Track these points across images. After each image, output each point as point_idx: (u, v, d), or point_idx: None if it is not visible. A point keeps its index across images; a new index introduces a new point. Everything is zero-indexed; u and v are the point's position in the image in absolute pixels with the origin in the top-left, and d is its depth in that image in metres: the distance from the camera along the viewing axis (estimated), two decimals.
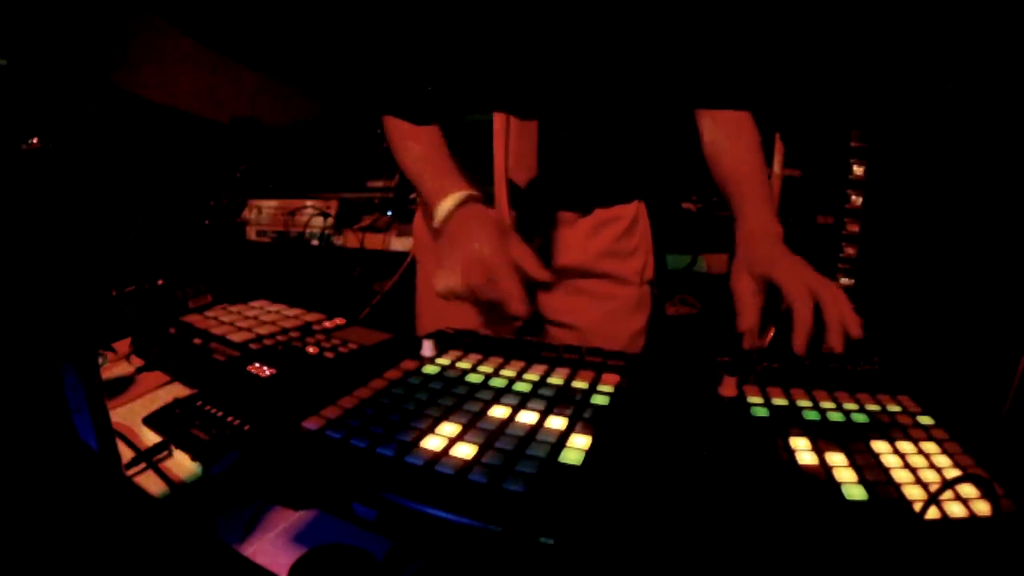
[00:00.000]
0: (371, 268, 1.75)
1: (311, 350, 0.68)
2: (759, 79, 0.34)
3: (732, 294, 0.68)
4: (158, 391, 0.72)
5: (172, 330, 0.76)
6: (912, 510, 0.37)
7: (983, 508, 0.37)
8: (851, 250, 1.23)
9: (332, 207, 1.86)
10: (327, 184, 2.03)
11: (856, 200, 1.22)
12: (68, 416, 0.40)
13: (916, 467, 0.42)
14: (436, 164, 0.80)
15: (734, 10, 0.29)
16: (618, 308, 0.93)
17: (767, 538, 0.35)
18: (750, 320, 0.62)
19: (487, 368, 0.59)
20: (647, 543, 0.35)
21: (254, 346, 0.69)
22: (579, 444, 0.45)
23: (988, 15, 0.27)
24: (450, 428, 0.47)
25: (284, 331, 0.75)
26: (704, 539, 0.35)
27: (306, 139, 2.11)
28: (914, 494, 0.39)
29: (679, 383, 0.56)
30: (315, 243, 1.83)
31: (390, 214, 1.83)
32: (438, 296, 0.67)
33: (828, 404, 0.52)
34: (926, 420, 0.49)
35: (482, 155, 0.83)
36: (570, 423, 0.48)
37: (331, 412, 0.49)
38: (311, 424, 0.47)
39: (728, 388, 0.54)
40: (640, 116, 0.89)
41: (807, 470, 0.42)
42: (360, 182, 2.04)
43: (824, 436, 0.46)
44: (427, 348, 0.63)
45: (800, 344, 0.60)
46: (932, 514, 0.37)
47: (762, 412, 0.50)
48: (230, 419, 0.56)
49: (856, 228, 1.22)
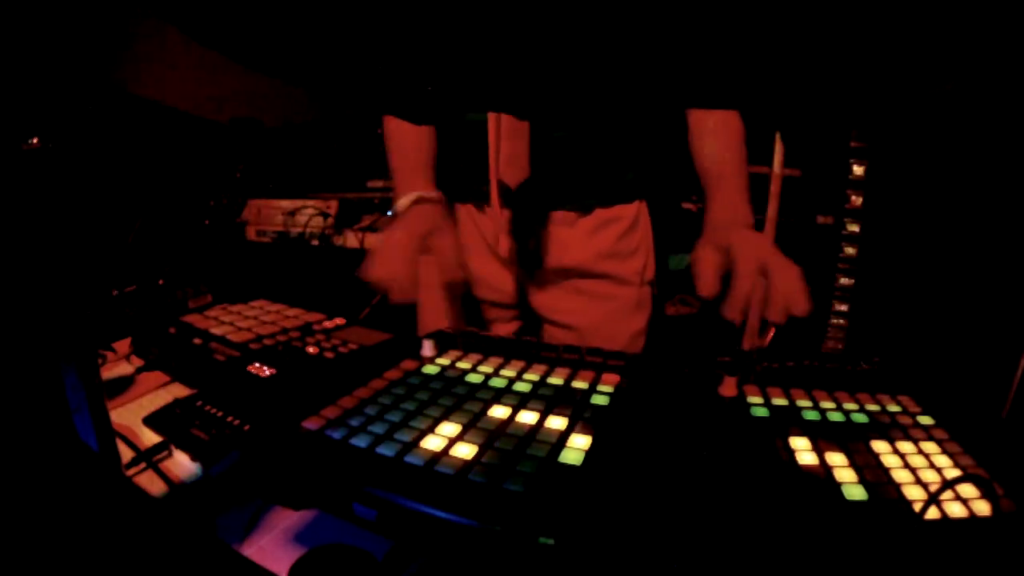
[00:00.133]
0: None
1: (311, 350, 0.68)
2: (756, 79, 0.34)
3: (692, 266, 0.66)
4: (158, 391, 0.72)
5: (172, 330, 0.76)
6: (912, 510, 0.37)
7: (983, 508, 0.37)
8: (851, 250, 1.23)
9: (332, 207, 1.86)
10: (327, 184, 2.03)
11: (856, 200, 1.22)
12: (68, 416, 0.40)
13: (916, 467, 0.42)
14: (411, 163, 0.84)
15: (732, 10, 0.29)
16: (618, 308, 0.93)
17: (767, 538, 0.35)
18: (707, 284, 0.60)
19: (487, 368, 0.59)
20: (647, 543, 0.35)
21: (254, 346, 0.69)
22: (579, 444, 0.45)
23: (988, 15, 0.27)
24: (450, 428, 0.47)
25: (284, 331, 0.75)
26: (704, 539, 0.35)
27: (306, 139, 2.11)
28: (914, 494, 0.39)
29: (679, 383, 0.56)
30: (315, 243, 1.83)
31: (390, 214, 1.83)
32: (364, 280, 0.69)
33: (828, 404, 0.52)
34: (926, 420, 0.49)
35: (479, 155, 0.83)
36: (570, 423, 0.48)
37: (331, 412, 0.49)
38: (311, 424, 0.47)
39: (728, 388, 0.54)
40: (636, 116, 0.89)
41: (807, 470, 0.42)
42: (360, 182, 2.04)
43: (824, 436, 0.46)
44: (427, 348, 0.63)
45: (732, 311, 0.58)
46: (932, 514, 0.37)
47: (762, 412, 0.50)
48: (230, 419, 0.56)
49: (856, 228, 1.23)
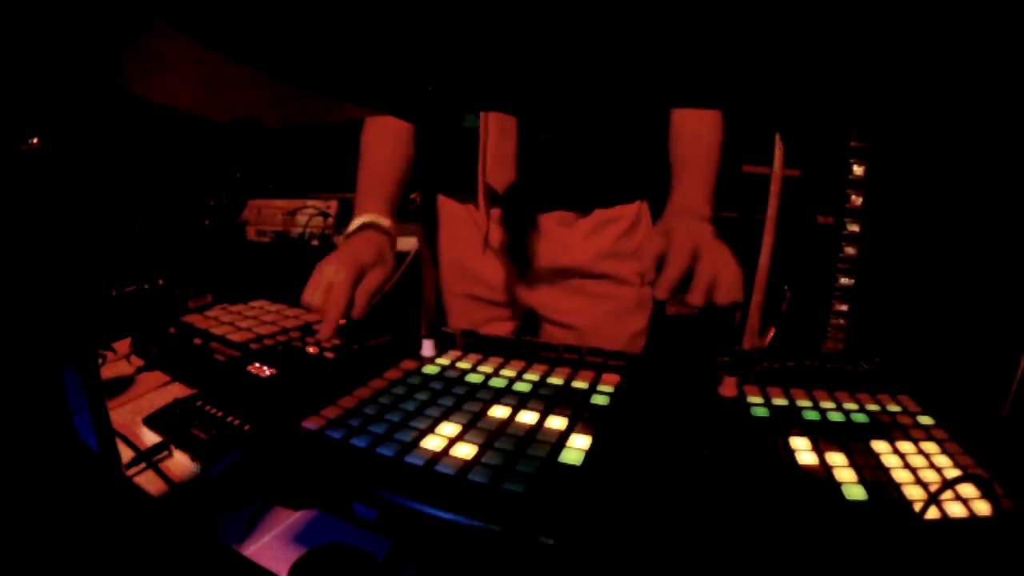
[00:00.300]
0: None
1: (311, 350, 0.68)
2: (753, 79, 0.34)
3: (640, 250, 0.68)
4: (158, 391, 0.72)
5: (172, 330, 0.76)
6: (912, 510, 0.37)
7: (983, 508, 0.37)
8: (851, 250, 1.23)
9: (332, 207, 1.86)
10: (327, 184, 2.03)
11: (856, 200, 1.22)
12: (68, 416, 0.40)
13: (916, 467, 0.42)
14: (376, 183, 0.87)
15: (731, 10, 0.29)
16: (618, 309, 0.93)
17: (767, 538, 0.35)
18: (644, 264, 0.64)
19: (487, 368, 0.59)
20: (647, 543, 0.35)
21: (254, 346, 0.69)
22: (579, 444, 0.45)
23: (988, 15, 0.27)
24: (450, 428, 0.47)
25: (284, 331, 0.75)
26: (704, 539, 0.35)
27: (306, 139, 2.11)
28: (914, 494, 0.39)
29: (679, 383, 0.56)
30: (315, 243, 1.83)
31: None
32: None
33: (828, 404, 0.52)
34: (926, 420, 0.49)
35: (473, 156, 0.83)
36: (570, 423, 0.48)
37: (331, 412, 0.49)
38: (311, 424, 0.47)
39: (728, 388, 0.54)
40: (631, 116, 0.89)
41: (807, 470, 0.42)
42: None
43: (824, 436, 0.46)
44: (427, 348, 0.63)
45: (660, 291, 0.61)
46: (932, 514, 0.37)
47: (762, 412, 0.50)
48: (230, 419, 0.56)
49: (856, 228, 1.22)
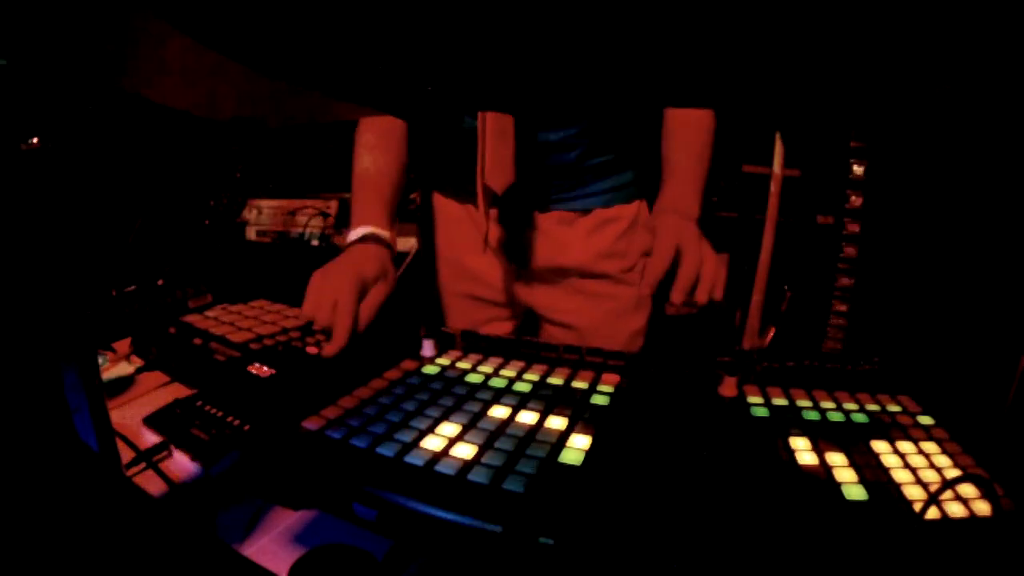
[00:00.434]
0: None
1: (311, 350, 0.68)
2: (752, 79, 0.34)
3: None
4: (158, 391, 0.72)
5: (172, 330, 0.76)
6: (912, 510, 0.37)
7: (983, 508, 0.37)
8: (851, 250, 1.23)
9: (332, 207, 1.86)
10: (327, 184, 2.03)
11: (856, 200, 1.22)
12: (68, 416, 0.40)
13: (916, 467, 0.42)
14: (373, 192, 0.85)
15: (731, 9, 0.29)
16: (617, 308, 0.93)
17: (767, 538, 0.35)
18: (629, 261, 0.67)
19: (487, 368, 0.59)
20: (647, 543, 0.35)
21: (254, 346, 0.69)
22: (579, 444, 0.45)
23: (988, 15, 0.27)
24: (450, 428, 0.47)
25: (284, 331, 0.75)
26: (704, 539, 0.35)
27: (306, 139, 2.11)
28: (914, 494, 0.39)
29: (679, 383, 0.56)
30: (315, 243, 1.83)
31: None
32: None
33: (828, 404, 0.52)
34: (926, 420, 0.49)
35: (472, 157, 0.83)
36: (570, 423, 0.48)
37: (331, 412, 0.49)
38: (311, 424, 0.47)
39: (728, 388, 0.54)
40: (631, 115, 0.89)
41: (807, 470, 0.42)
42: None
43: (824, 436, 0.46)
44: (427, 348, 0.63)
45: (644, 286, 0.62)
46: (932, 514, 0.37)
47: (762, 412, 0.50)
48: (230, 419, 0.56)
49: (856, 228, 1.23)
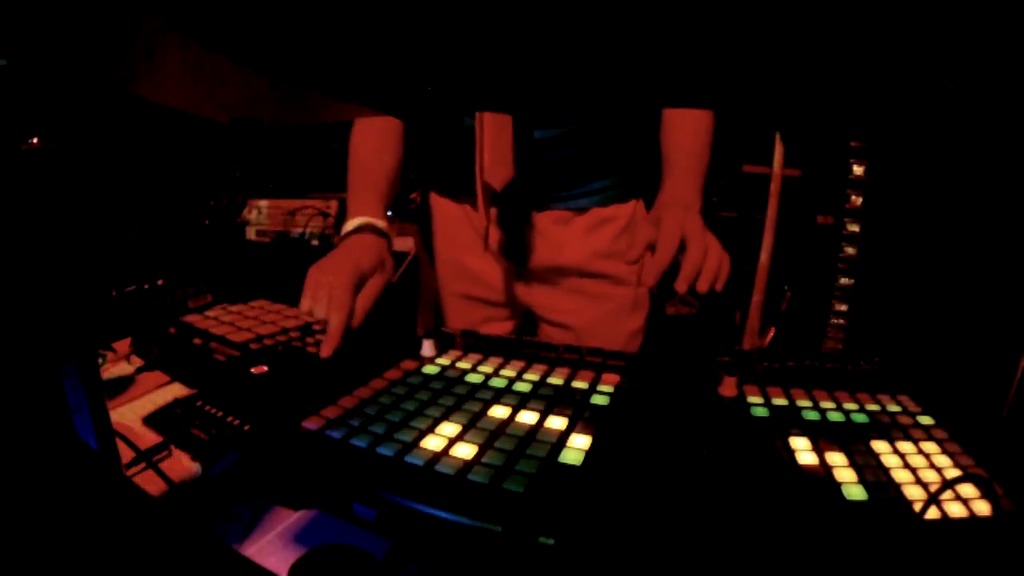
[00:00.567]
0: None
1: (311, 350, 0.68)
2: (751, 79, 0.34)
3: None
4: (158, 391, 0.72)
5: (172, 330, 0.76)
6: (912, 510, 0.37)
7: (983, 508, 0.37)
8: (851, 250, 1.23)
9: (332, 207, 1.86)
10: (327, 184, 2.03)
11: (856, 200, 1.22)
12: (68, 416, 0.40)
13: (916, 467, 0.42)
14: (369, 183, 0.85)
15: (731, 9, 0.29)
16: (615, 308, 0.93)
17: (767, 538, 0.35)
18: (635, 252, 0.66)
19: (487, 368, 0.59)
20: (647, 543, 0.35)
21: (254, 346, 0.69)
22: (579, 444, 0.45)
23: (988, 15, 0.27)
24: (450, 428, 0.47)
25: (284, 331, 0.75)
26: (704, 539, 0.35)
27: (306, 139, 2.11)
28: (914, 494, 0.39)
29: (679, 383, 0.56)
30: (315, 243, 1.83)
31: (390, 214, 1.83)
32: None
33: (828, 404, 0.52)
34: (926, 420, 0.49)
35: (470, 156, 0.83)
36: (570, 423, 0.48)
37: (331, 412, 0.49)
38: (311, 424, 0.47)
39: (728, 388, 0.54)
40: (626, 115, 0.89)
41: (807, 470, 0.42)
42: None
43: (824, 436, 0.46)
44: (427, 348, 0.63)
45: (648, 277, 0.63)
46: (932, 514, 0.37)
47: (762, 412, 0.50)
48: (230, 419, 0.56)
49: (856, 228, 1.22)
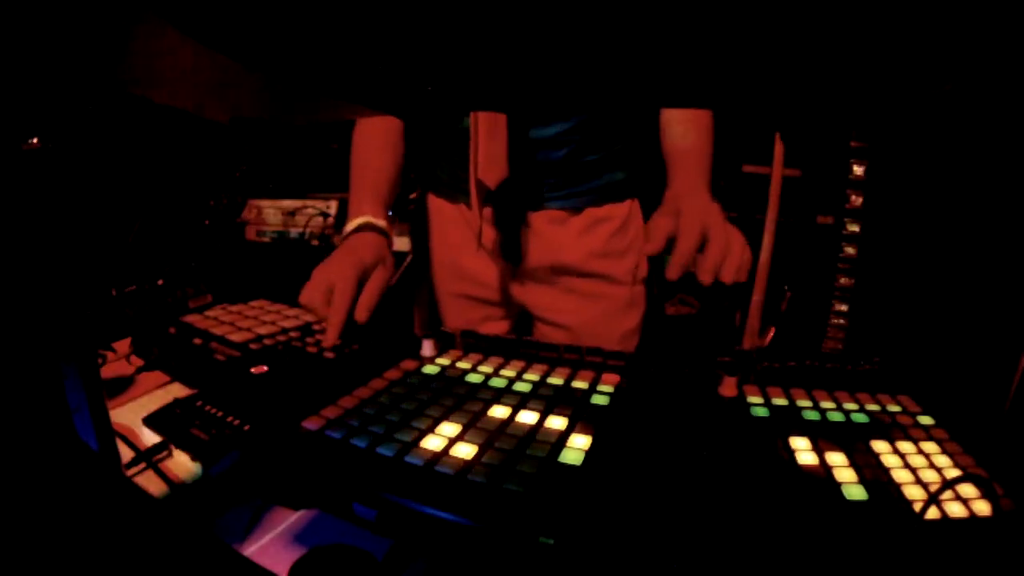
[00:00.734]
0: None
1: (311, 350, 0.68)
2: (753, 79, 0.34)
3: (646, 232, 0.68)
4: (158, 391, 0.72)
5: (172, 330, 0.76)
6: (912, 510, 0.37)
7: (983, 508, 0.37)
8: (851, 250, 1.23)
9: (332, 207, 1.86)
10: (327, 184, 2.03)
11: (856, 200, 1.22)
12: (68, 416, 0.40)
13: (916, 467, 0.42)
14: (369, 184, 0.87)
15: (730, 8, 0.29)
16: (610, 308, 0.93)
17: (767, 538, 0.35)
18: (654, 242, 0.62)
19: (487, 368, 0.59)
20: (647, 543, 0.35)
21: (254, 346, 0.69)
22: (579, 444, 0.45)
23: (988, 15, 0.27)
24: (450, 428, 0.47)
25: (284, 331, 0.75)
26: (704, 539, 0.35)
27: (306, 139, 2.11)
28: (914, 494, 0.39)
29: (679, 383, 0.56)
30: (315, 243, 1.83)
31: (390, 214, 1.83)
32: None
33: (828, 404, 0.52)
34: (926, 420, 0.49)
35: (465, 156, 0.83)
36: (570, 423, 0.48)
37: (331, 412, 0.49)
38: (311, 424, 0.47)
39: (728, 388, 0.54)
40: (622, 115, 0.89)
41: (807, 470, 0.42)
42: None
43: (824, 436, 0.46)
44: (427, 348, 0.63)
45: (672, 270, 0.60)
46: (932, 514, 0.37)
47: (762, 412, 0.50)
48: (230, 419, 0.56)
49: (856, 228, 1.23)
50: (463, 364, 0.60)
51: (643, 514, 0.37)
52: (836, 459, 0.43)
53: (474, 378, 0.56)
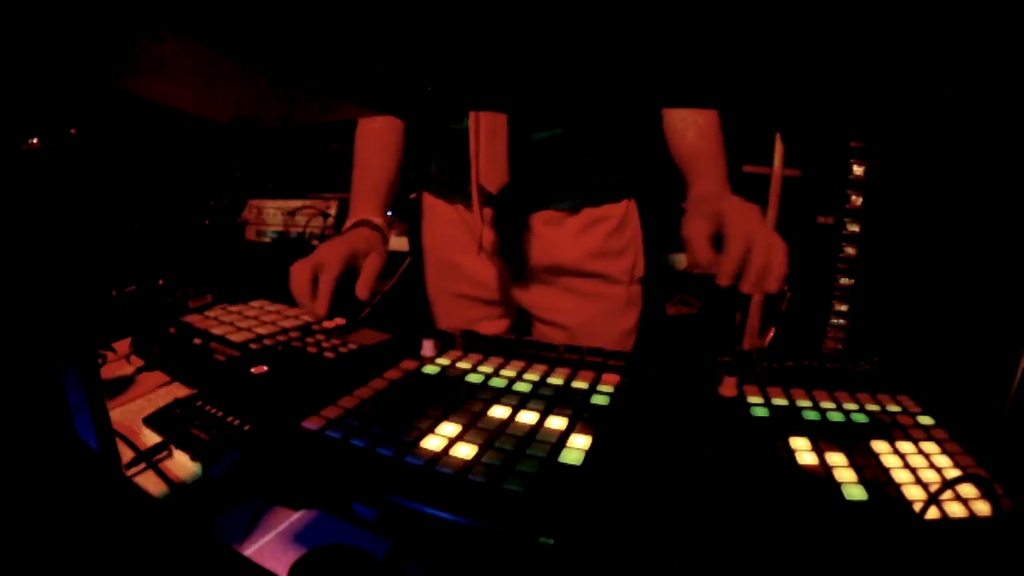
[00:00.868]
0: None
1: (311, 350, 0.68)
2: (754, 79, 0.34)
3: (684, 241, 0.66)
4: (158, 391, 0.72)
5: (172, 330, 0.76)
6: (912, 510, 0.37)
7: (983, 508, 0.37)
8: (851, 250, 1.23)
9: (332, 207, 1.86)
10: (327, 184, 2.03)
11: (856, 200, 1.22)
12: (68, 416, 0.40)
13: (916, 467, 0.42)
14: (369, 186, 0.91)
15: (730, 8, 0.29)
16: (608, 307, 0.93)
17: (767, 538, 0.35)
18: (702, 251, 0.61)
19: (487, 368, 0.59)
20: (647, 543, 0.35)
21: (254, 346, 0.69)
22: (579, 444, 0.45)
23: (988, 15, 0.27)
24: (450, 428, 0.47)
25: (284, 331, 0.75)
26: (704, 539, 0.35)
27: (306, 139, 2.11)
28: (914, 494, 0.39)
29: (679, 383, 0.56)
30: (315, 243, 1.83)
31: (390, 214, 1.83)
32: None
33: (828, 404, 0.52)
34: (926, 420, 0.49)
35: (464, 157, 0.84)
36: (570, 423, 0.48)
37: (331, 412, 0.49)
38: (311, 424, 0.47)
39: (728, 388, 0.54)
40: (621, 115, 0.89)
41: (807, 470, 0.42)
42: None
43: (824, 436, 0.46)
44: (427, 348, 0.63)
45: (723, 279, 0.59)
46: (932, 514, 0.37)
47: (762, 412, 0.50)
48: (230, 419, 0.56)
49: (856, 228, 1.23)
50: (463, 364, 0.60)
51: (643, 514, 0.37)
52: (836, 459, 0.43)
53: (474, 378, 0.56)
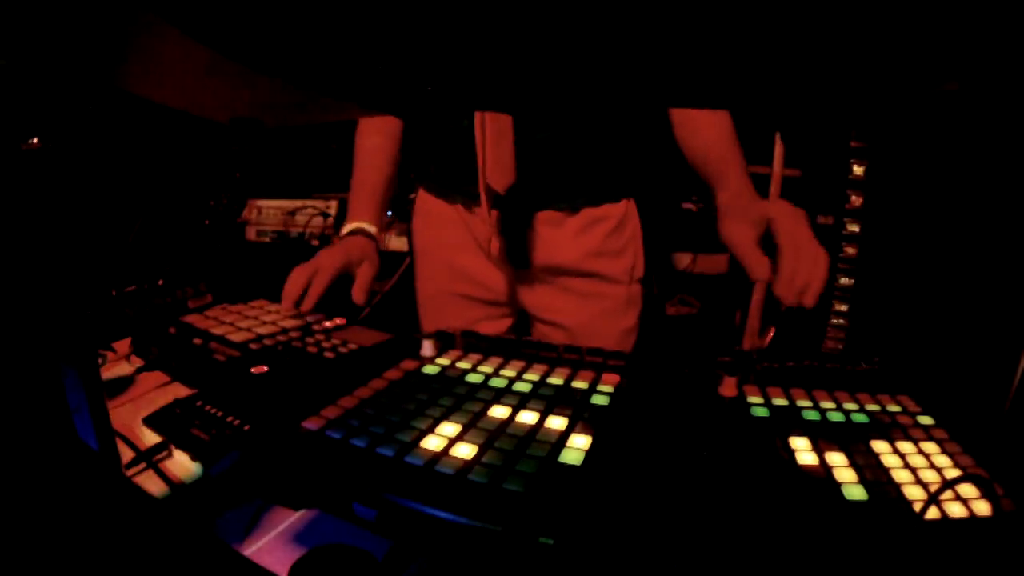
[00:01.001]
0: None
1: (311, 350, 0.68)
2: (754, 79, 0.34)
3: (729, 247, 0.65)
4: (158, 391, 0.72)
5: (172, 330, 0.76)
6: (912, 510, 0.37)
7: (983, 508, 0.37)
8: (851, 250, 1.23)
9: (332, 207, 1.86)
10: (327, 184, 2.03)
11: (856, 200, 1.22)
12: (68, 416, 0.40)
13: (916, 467, 0.42)
14: (367, 191, 0.92)
15: (730, 8, 0.29)
16: (607, 307, 0.93)
17: (767, 538, 0.35)
18: (764, 267, 0.59)
19: (487, 368, 0.59)
20: (647, 543, 0.35)
21: (254, 346, 0.69)
22: (579, 444, 0.45)
23: (988, 15, 0.27)
24: (450, 428, 0.47)
25: (284, 331, 0.75)
26: (704, 539, 0.35)
27: (306, 139, 2.11)
28: (914, 494, 0.39)
29: (679, 383, 0.56)
30: (315, 243, 1.83)
31: (390, 214, 1.84)
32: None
33: (828, 404, 0.52)
34: (926, 420, 0.49)
35: (468, 158, 0.84)
36: (570, 423, 0.48)
37: (331, 412, 0.49)
38: (311, 424, 0.47)
39: (728, 388, 0.54)
40: (623, 115, 0.89)
41: (807, 470, 0.42)
42: None
43: (824, 436, 0.46)
44: (427, 348, 0.63)
45: (787, 298, 0.59)
46: (932, 514, 0.37)
47: (762, 412, 0.50)
48: (230, 419, 0.56)
49: (856, 228, 1.23)
50: (463, 364, 0.60)
51: (643, 514, 0.37)
52: (836, 459, 0.43)
53: (474, 378, 0.56)
